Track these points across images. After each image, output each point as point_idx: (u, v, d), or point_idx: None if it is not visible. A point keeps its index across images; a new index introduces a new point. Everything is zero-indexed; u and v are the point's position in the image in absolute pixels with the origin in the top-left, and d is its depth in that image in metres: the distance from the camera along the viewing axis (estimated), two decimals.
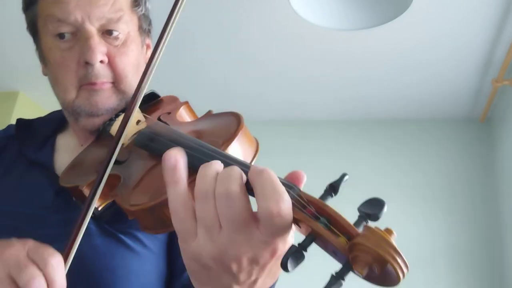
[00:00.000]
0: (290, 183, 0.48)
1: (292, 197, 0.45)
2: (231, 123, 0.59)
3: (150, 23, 0.89)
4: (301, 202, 0.45)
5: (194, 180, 0.48)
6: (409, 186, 2.97)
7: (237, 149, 0.55)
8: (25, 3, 0.83)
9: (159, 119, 0.72)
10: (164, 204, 0.49)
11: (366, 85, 2.83)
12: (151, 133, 0.62)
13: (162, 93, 0.87)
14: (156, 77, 0.66)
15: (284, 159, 3.14)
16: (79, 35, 0.76)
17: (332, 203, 0.46)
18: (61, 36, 0.76)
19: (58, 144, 0.87)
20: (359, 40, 2.40)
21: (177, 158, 0.48)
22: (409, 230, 2.86)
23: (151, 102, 0.83)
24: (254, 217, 0.46)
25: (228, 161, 0.50)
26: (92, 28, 0.75)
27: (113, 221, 0.72)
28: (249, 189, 0.46)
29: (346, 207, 0.54)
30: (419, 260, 2.80)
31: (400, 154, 3.07)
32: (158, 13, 0.87)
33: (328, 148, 3.13)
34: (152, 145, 0.60)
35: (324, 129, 3.18)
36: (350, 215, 0.45)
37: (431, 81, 2.74)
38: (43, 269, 0.53)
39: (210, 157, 0.51)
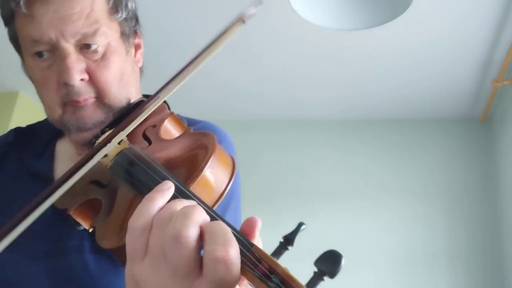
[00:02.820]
0: (244, 238, 0.46)
1: (243, 254, 0.44)
2: (204, 150, 0.57)
3: (136, 22, 0.84)
4: (253, 260, 0.43)
5: None
6: (409, 186, 2.97)
7: (210, 177, 0.54)
8: (3, 20, 0.80)
9: (144, 134, 0.70)
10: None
11: (365, 85, 2.83)
12: (127, 163, 0.60)
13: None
14: (159, 78, 0.65)
15: (284, 158, 3.15)
16: (56, 53, 0.73)
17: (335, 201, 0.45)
18: (39, 54, 0.74)
19: (58, 151, 0.85)
20: (359, 40, 2.40)
21: (170, 187, 0.50)
22: (409, 230, 2.87)
23: None
24: (199, 266, 0.44)
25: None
26: (68, 46, 0.72)
27: None
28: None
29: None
30: (420, 260, 2.81)
31: (400, 154, 3.07)
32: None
33: (328, 147, 3.13)
34: (127, 177, 0.59)
35: (324, 128, 3.19)
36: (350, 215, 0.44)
37: (431, 81, 2.74)
38: None
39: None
